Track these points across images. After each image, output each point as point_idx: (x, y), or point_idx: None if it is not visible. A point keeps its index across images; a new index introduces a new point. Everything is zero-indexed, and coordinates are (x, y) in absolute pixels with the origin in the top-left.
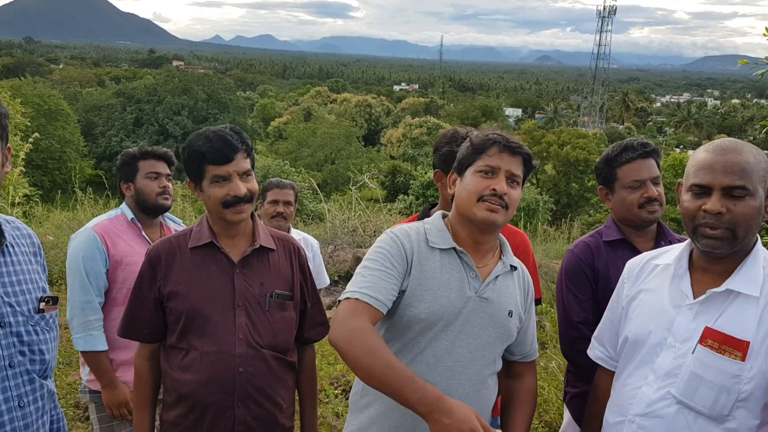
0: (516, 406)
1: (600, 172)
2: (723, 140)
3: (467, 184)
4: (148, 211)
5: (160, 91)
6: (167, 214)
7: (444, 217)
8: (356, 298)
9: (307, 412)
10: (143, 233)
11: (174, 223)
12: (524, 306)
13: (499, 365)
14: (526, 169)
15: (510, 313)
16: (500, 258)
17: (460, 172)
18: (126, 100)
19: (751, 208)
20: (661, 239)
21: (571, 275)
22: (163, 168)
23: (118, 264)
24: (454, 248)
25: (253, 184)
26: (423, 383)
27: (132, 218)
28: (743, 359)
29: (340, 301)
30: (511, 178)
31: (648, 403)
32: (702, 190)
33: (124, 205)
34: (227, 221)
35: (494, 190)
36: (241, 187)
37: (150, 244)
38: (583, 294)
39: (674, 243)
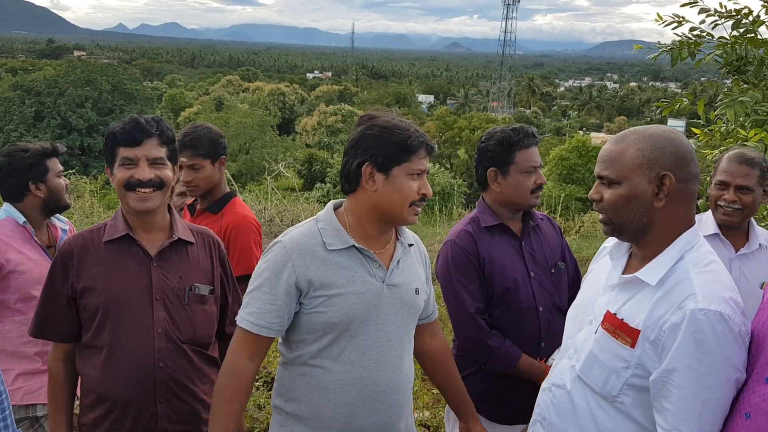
0: (448, 365)
1: (494, 154)
2: (625, 131)
3: (399, 187)
4: (55, 210)
5: (61, 82)
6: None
7: (336, 207)
8: (246, 329)
9: None
10: (34, 237)
11: (59, 222)
12: (426, 276)
13: (412, 339)
14: None
15: (417, 291)
16: (398, 238)
17: (384, 169)
18: (24, 93)
19: (616, 196)
20: (529, 219)
21: (458, 266)
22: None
23: (11, 273)
24: (353, 246)
25: (165, 173)
26: None
27: (24, 222)
28: (633, 346)
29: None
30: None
31: (562, 374)
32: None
33: (8, 207)
34: (132, 209)
35: (424, 195)
36: (147, 172)
37: (41, 247)
38: (472, 283)
39: (539, 221)
